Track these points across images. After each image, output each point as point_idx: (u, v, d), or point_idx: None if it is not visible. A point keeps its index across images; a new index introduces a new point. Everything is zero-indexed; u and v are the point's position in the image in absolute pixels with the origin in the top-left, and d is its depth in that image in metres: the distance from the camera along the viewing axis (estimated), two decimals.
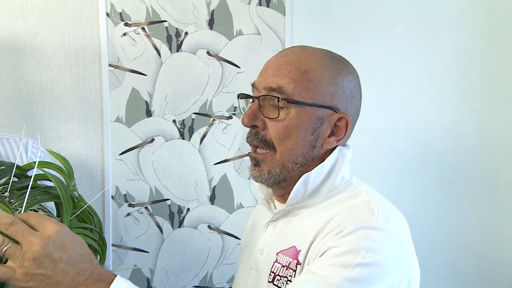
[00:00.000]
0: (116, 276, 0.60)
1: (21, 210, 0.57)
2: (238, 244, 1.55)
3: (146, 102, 1.46)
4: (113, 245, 1.48)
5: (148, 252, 1.50)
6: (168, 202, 1.50)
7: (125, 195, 1.47)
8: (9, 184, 0.69)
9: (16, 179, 0.75)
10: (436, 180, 1.64)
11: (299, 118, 0.76)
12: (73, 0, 1.38)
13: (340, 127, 0.79)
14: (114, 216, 1.47)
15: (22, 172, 0.78)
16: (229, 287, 1.57)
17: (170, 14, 1.45)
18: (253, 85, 0.82)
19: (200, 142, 1.50)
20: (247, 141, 0.82)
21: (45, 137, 1.41)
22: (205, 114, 1.50)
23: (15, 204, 0.60)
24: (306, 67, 0.77)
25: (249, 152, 1.45)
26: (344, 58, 0.82)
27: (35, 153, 1.12)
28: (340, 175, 0.80)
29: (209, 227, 1.53)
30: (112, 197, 1.45)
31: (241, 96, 0.87)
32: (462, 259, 1.64)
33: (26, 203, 0.59)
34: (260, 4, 1.48)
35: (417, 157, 1.63)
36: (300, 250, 0.74)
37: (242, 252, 0.98)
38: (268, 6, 1.48)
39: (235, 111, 1.51)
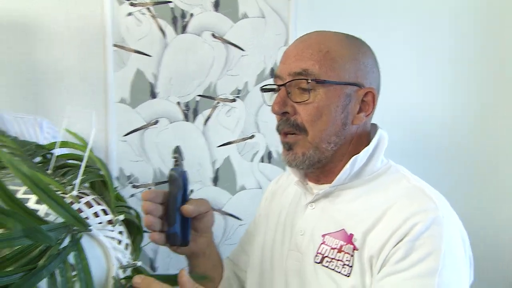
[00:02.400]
0: None
1: (72, 189, 0.57)
2: (240, 225, 1.56)
3: (151, 83, 1.44)
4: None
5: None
6: None
7: (129, 176, 1.46)
8: (45, 163, 0.68)
9: (39, 159, 0.73)
10: (433, 170, 1.68)
11: (329, 98, 0.76)
12: None
13: (367, 102, 0.79)
14: None
15: (47, 151, 0.77)
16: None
17: None
18: (275, 75, 0.81)
19: (204, 124, 1.50)
20: (278, 130, 0.81)
21: (47, 117, 1.38)
22: (209, 97, 1.49)
23: (62, 182, 0.59)
24: (327, 47, 0.76)
25: (252, 135, 1.46)
26: (356, 36, 0.83)
27: (50, 133, 1.11)
28: (381, 157, 0.80)
29: (212, 208, 1.53)
30: (117, 178, 1.44)
31: (264, 89, 0.85)
32: None
33: (70, 183, 0.58)
34: None
35: (413, 149, 1.67)
36: (352, 234, 0.74)
37: (259, 221, 0.98)
38: None
39: (239, 94, 1.51)
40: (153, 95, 1.44)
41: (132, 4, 1.39)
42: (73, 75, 1.38)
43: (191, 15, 1.44)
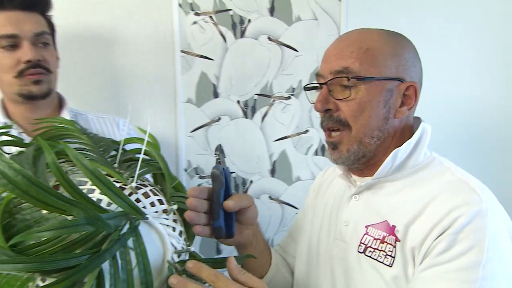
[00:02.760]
0: None
1: (132, 180, 0.58)
2: (296, 213, 1.54)
3: (214, 84, 1.45)
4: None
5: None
6: (234, 174, 1.50)
7: (195, 168, 1.48)
8: (116, 156, 0.70)
9: (114, 152, 0.76)
10: (481, 151, 1.56)
11: (370, 93, 0.72)
12: None
13: (409, 95, 0.75)
14: (187, 185, 1.49)
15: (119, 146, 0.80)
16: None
17: (235, 3, 1.43)
18: (317, 74, 0.79)
19: (262, 121, 1.49)
20: (322, 126, 0.79)
21: (125, 116, 1.43)
22: (266, 95, 1.48)
23: (125, 175, 0.60)
24: (367, 45, 0.73)
25: (306, 130, 1.43)
26: (398, 32, 0.78)
27: (125, 130, 1.16)
28: (424, 150, 0.76)
29: (270, 197, 1.53)
30: (185, 169, 1.47)
31: (308, 88, 0.83)
32: None
33: (132, 175, 0.60)
34: None
35: (465, 132, 1.56)
36: (394, 226, 0.70)
37: (307, 211, 0.96)
38: None
39: (293, 92, 1.49)
40: (216, 95, 1.46)
41: (196, 14, 1.41)
42: (147, 79, 1.43)
43: (249, 20, 1.44)
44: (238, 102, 1.47)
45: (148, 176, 0.72)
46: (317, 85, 0.79)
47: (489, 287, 0.61)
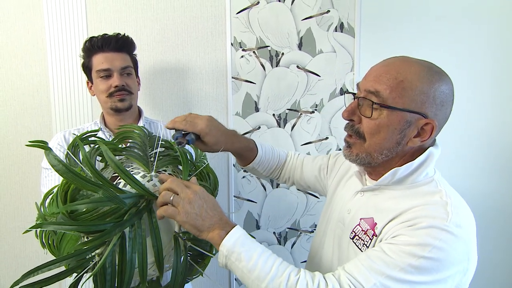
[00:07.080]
0: (236, 225, 0.63)
1: (154, 169, 0.62)
2: (318, 201, 1.51)
3: (255, 101, 1.48)
4: (234, 196, 1.54)
5: (256, 202, 1.54)
6: None
7: None
8: (156, 152, 0.74)
9: (162, 149, 0.80)
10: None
11: (389, 120, 0.65)
12: (211, 36, 1.45)
13: (426, 130, 0.66)
14: (235, 178, 1.53)
15: (170, 145, 0.84)
16: (312, 230, 1.53)
17: (272, 41, 1.44)
18: (357, 85, 0.71)
19: (291, 129, 1.48)
20: (345, 129, 0.72)
21: None
22: (295, 110, 1.47)
23: (153, 164, 0.65)
24: (403, 77, 0.64)
25: (326, 137, 1.38)
26: (442, 71, 0.67)
27: None
28: (425, 172, 0.68)
29: (297, 188, 1.51)
30: (234, 165, 1.51)
31: (347, 92, 0.78)
32: None
33: (157, 166, 0.64)
34: (335, 30, 1.39)
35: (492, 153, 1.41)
36: (376, 224, 0.67)
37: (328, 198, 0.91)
38: (341, 31, 1.39)
39: (316, 107, 1.46)
40: (257, 109, 1.48)
41: (243, 50, 1.45)
42: (208, 98, 1.49)
43: (282, 53, 1.44)
44: (274, 115, 1.48)
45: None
46: (354, 94, 0.72)
47: (412, 272, 0.57)
